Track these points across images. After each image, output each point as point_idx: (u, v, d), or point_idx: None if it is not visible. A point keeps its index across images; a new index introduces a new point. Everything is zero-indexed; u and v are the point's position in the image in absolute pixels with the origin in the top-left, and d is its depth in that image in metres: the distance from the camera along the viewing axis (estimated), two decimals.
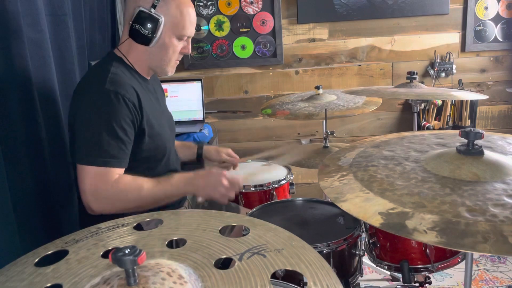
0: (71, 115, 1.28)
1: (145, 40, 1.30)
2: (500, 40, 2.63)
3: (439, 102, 2.62)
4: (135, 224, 0.79)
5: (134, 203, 1.22)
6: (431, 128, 2.60)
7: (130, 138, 1.25)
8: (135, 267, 0.54)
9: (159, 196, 1.25)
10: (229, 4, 2.64)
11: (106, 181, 1.19)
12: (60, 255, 0.70)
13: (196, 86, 2.64)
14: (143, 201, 1.23)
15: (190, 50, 1.41)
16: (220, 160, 1.69)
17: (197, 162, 1.72)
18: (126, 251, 0.54)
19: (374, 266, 1.42)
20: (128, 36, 1.32)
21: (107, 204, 1.20)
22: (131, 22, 1.29)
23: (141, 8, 1.27)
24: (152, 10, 1.27)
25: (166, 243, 0.71)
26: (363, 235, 1.36)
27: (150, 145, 1.34)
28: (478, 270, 2.22)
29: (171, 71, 1.40)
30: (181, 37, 1.34)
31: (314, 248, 0.73)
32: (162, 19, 1.28)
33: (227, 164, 1.71)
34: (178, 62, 1.41)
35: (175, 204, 1.49)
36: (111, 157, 1.20)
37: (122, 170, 1.24)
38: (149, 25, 1.27)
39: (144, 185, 1.24)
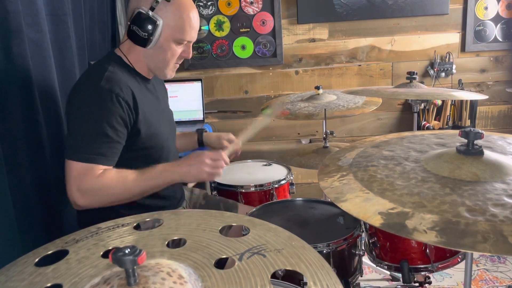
0: (66, 112, 1.29)
1: (142, 42, 1.29)
2: (500, 40, 2.63)
3: (439, 102, 2.62)
4: (135, 224, 0.79)
5: (119, 195, 1.22)
6: (431, 128, 2.60)
7: (121, 137, 1.24)
8: (135, 267, 0.54)
9: (144, 187, 1.24)
10: (229, 4, 2.64)
11: (91, 177, 1.19)
12: (60, 255, 0.70)
13: (196, 86, 2.64)
14: (129, 192, 1.23)
15: (190, 55, 1.38)
16: (221, 147, 1.68)
17: (199, 149, 1.70)
18: (126, 251, 0.54)
19: (374, 266, 1.42)
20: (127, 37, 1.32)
21: (93, 199, 1.20)
22: (129, 23, 1.28)
23: (140, 10, 1.26)
24: (150, 12, 1.26)
25: (166, 243, 0.71)
26: (363, 235, 1.36)
27: (146, 144, 1.34)
28: (478, 270, 2.22)
29: (170, 74, 1.38)
30: (180, 41, 1.32)
31: (314, 248, 0.73)
32: (160, 22, 1.27)
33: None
34: (177, 65, 1.40)
35: (174, 204, 1.49)
36: (99, 155, 1.19)
37: (109, 167, 1.23)
38: (146, 27, 1.26)
39: (129, 176, 1.23)
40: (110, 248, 0.70)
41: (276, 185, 1.74)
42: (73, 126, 1.23)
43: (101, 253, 0.69)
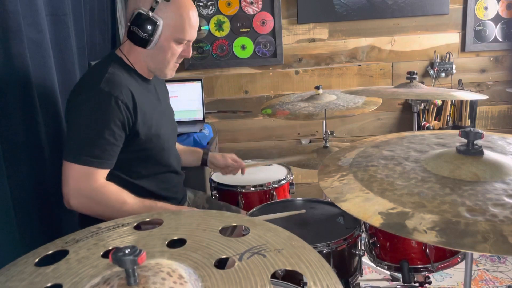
0: (66, 113, 1.29)
1: (142, 43, 1.28)
2: (500, 40, 2.63)
3: (439, 102, 2.62)
4: (135, 224, 0.79)
5: (112, 213, 1.20)
6: (431, 128, 2.60)
7: (118, 140, 1.24)
8: (135, 267, 0.54)
9: (138, 213, 1.24)
10: (229, 4, 2.64)
11: (89, 181, 1.19)
12: (60, 255, 0.70)
13: (196, 86, 2.64)
14: (121, 214, 1.21)
15: (190, 54, 1.38)
16: (226, 165, 1.70)
17: (200, 167, 1.73)
18: (126, 251, 0.54)
19: (374, 266, 1.42)
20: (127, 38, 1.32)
21: (88, 204, 1.21)
22: (129, 24, 1.28)
23: (139, 10, 1.25)
24: (150, 13, 1.25)
25: (167, 243, 0.71)
26: (363, 235, 1.37)
27: (147, 146, 1.33)
28: (478, 270, 2.22)
29: (170, 74, 1.38)
30: (180, 41, 1.32)
31: (314, 248, 0.73)
32: (160, 22, 1.26)
33: (232, 169, 1.72)
34: (177, 65, 1.39)
35: (175, 204, 1.49)
36: (95, 157, 1.19)
37: (106, 171, 1.24)
38: (146, 28, 1.25)
39: (128, 200, 1.23)
40: (110, 248, 0.70)
41: (276, 185, 1.74)
42: (72, 128, 1.23)
43: (101, 253, 0.69)
